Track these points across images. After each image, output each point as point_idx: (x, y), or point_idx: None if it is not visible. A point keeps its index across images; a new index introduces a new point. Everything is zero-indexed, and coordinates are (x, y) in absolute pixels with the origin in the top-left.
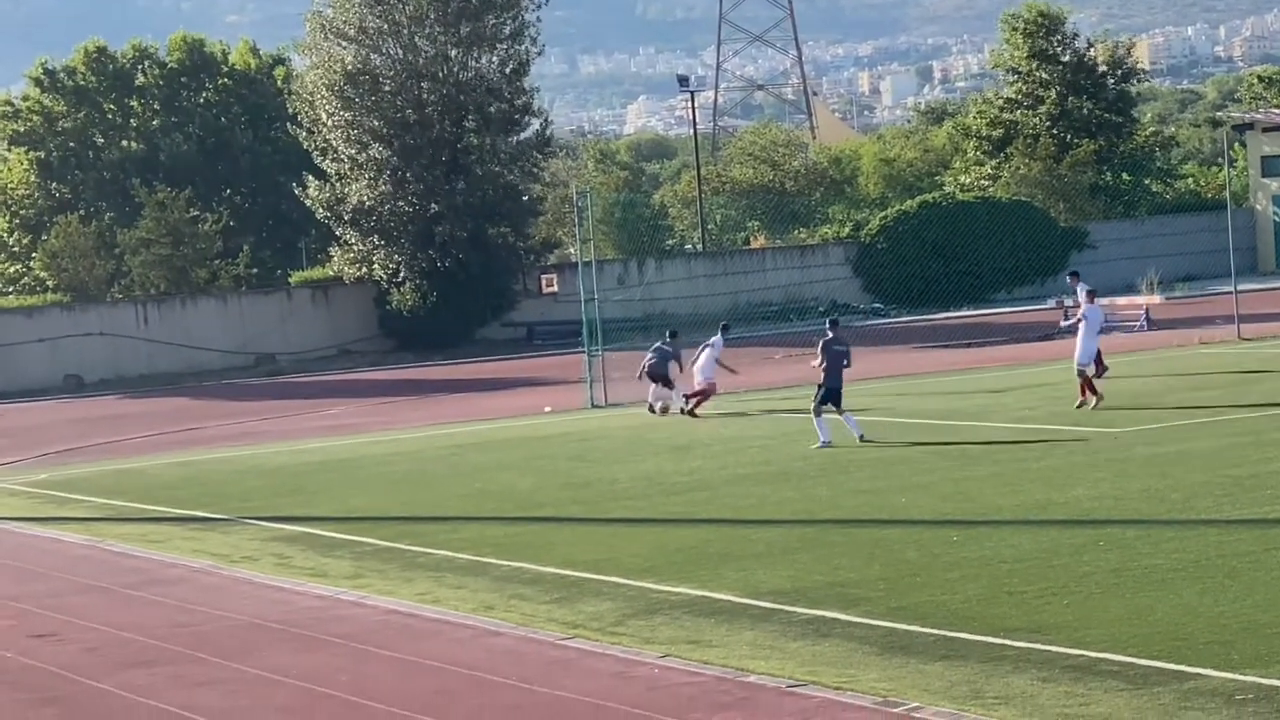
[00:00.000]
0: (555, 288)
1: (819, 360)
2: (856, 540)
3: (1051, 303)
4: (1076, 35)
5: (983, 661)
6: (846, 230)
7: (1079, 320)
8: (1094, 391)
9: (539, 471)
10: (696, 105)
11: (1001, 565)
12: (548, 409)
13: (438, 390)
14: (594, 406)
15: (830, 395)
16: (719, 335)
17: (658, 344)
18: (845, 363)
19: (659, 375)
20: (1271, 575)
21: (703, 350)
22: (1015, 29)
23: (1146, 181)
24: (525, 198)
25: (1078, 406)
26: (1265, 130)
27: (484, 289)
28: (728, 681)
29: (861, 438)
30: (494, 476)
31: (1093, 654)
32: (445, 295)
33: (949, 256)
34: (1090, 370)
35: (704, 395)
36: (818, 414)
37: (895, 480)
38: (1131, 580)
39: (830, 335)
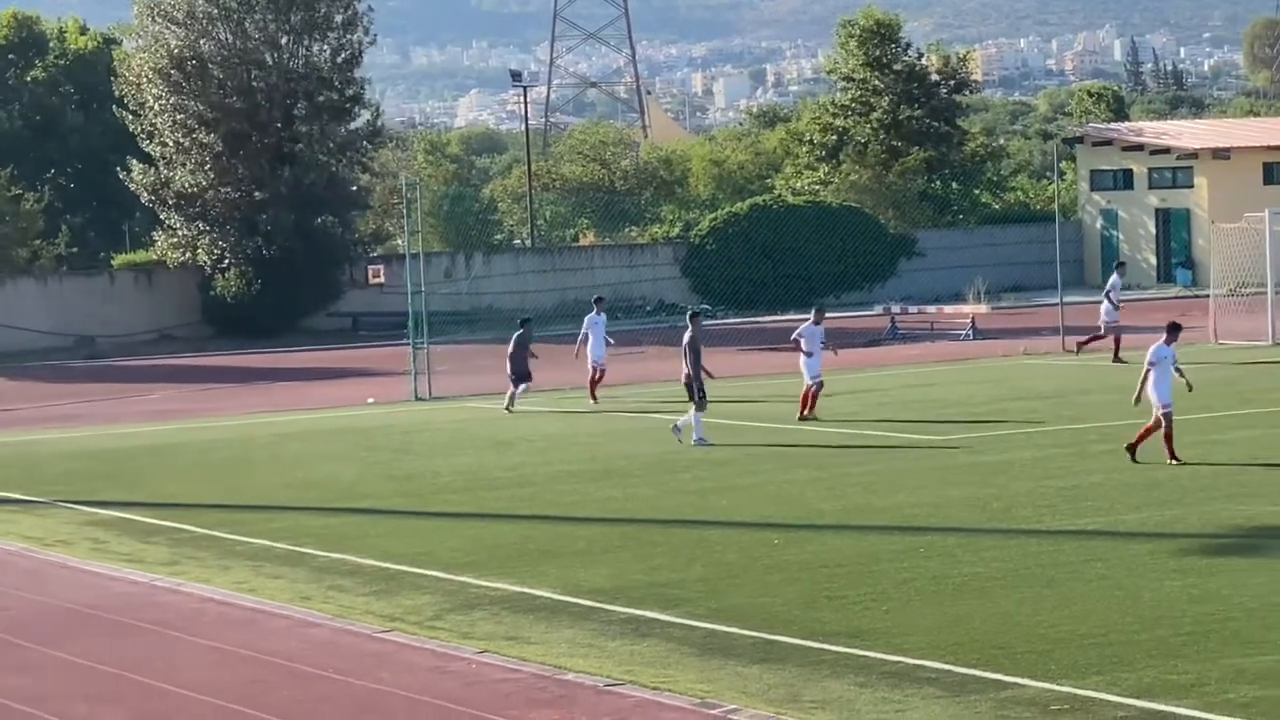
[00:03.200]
0: (382, 279)
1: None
2: (678, 540)
3: (879, 309)
4: (910, 44)
5: (801, 665)
6: (676, 230)
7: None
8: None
9: (361, 463)
10: (529, 101)
11: (822, 569)
12: (371, 400)
13: (261, 378)
14: (418, 399)
15: (690, 387)
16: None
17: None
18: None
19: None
20: (1090, 586)
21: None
22: (850, 36)
23: (976, 192)
24: (353, 188)
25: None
26: (1094, 144)
27: (309, 278)
28: (545, 679)
29: (676, 428)
30: (315, 466)
31: (911, 660)
32: (270, 283)
33: (778, 260)
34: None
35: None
36: (698, 409)
37: (718, 481)
38: (951, 588)
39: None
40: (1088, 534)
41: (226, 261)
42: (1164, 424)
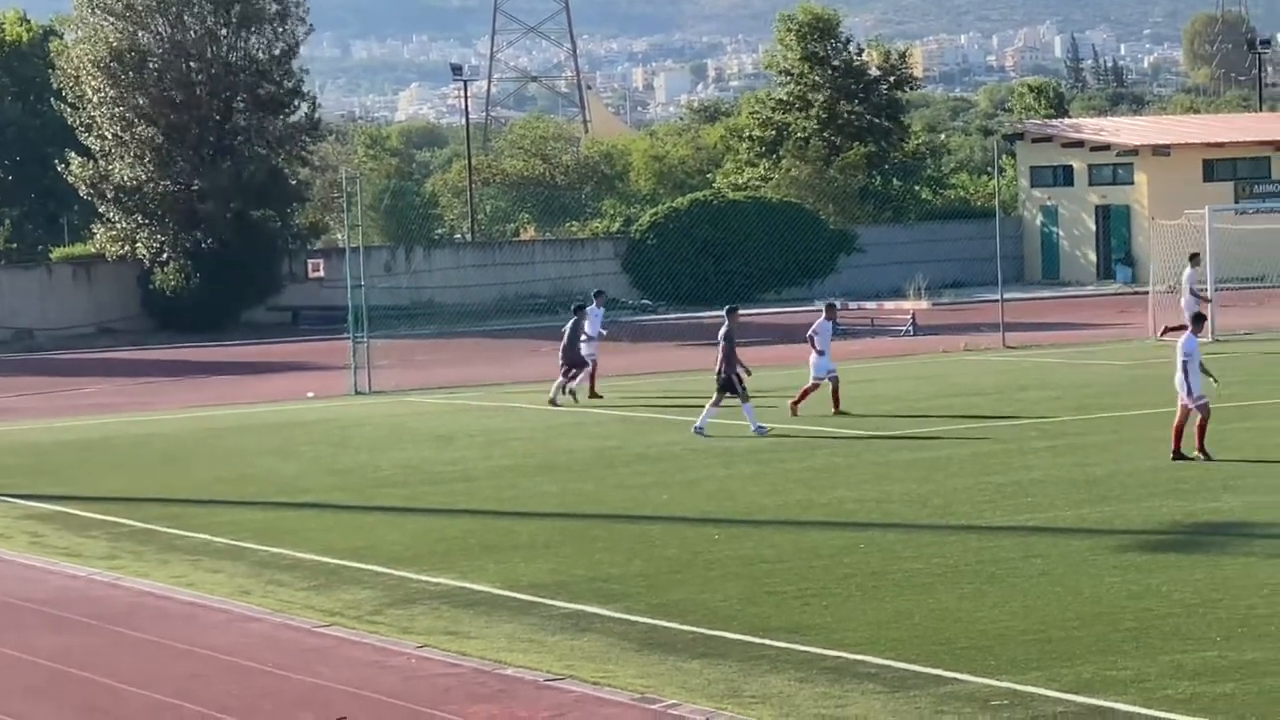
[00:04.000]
0: (322, 272)
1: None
2: (618, 536)
3: (820, 304)
4: (849, 40)
5: (741, 660)
6: (617, 225)
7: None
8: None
9: (300, 457)
10: (469, 95)
11: (762, 565)
12: (311, 394)
13: (200, 372)
14: (358, 393)
15: (728, 384)
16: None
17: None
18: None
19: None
20: (1030, 582)
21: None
22: (789, 30)
23: (917, 188)
24: (293, 181)
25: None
26: (1035, 141)
27: (249, 271)
28: (485, 673)
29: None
30: (254, 461)
31: (851, 656)
32: (209, 276)
33: (719, 255)
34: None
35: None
36: (744, 401)
37: (659, 477)
38: (891, 583)
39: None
40: (1028, 530)
41: (166, 255)
42: (1200, 415)
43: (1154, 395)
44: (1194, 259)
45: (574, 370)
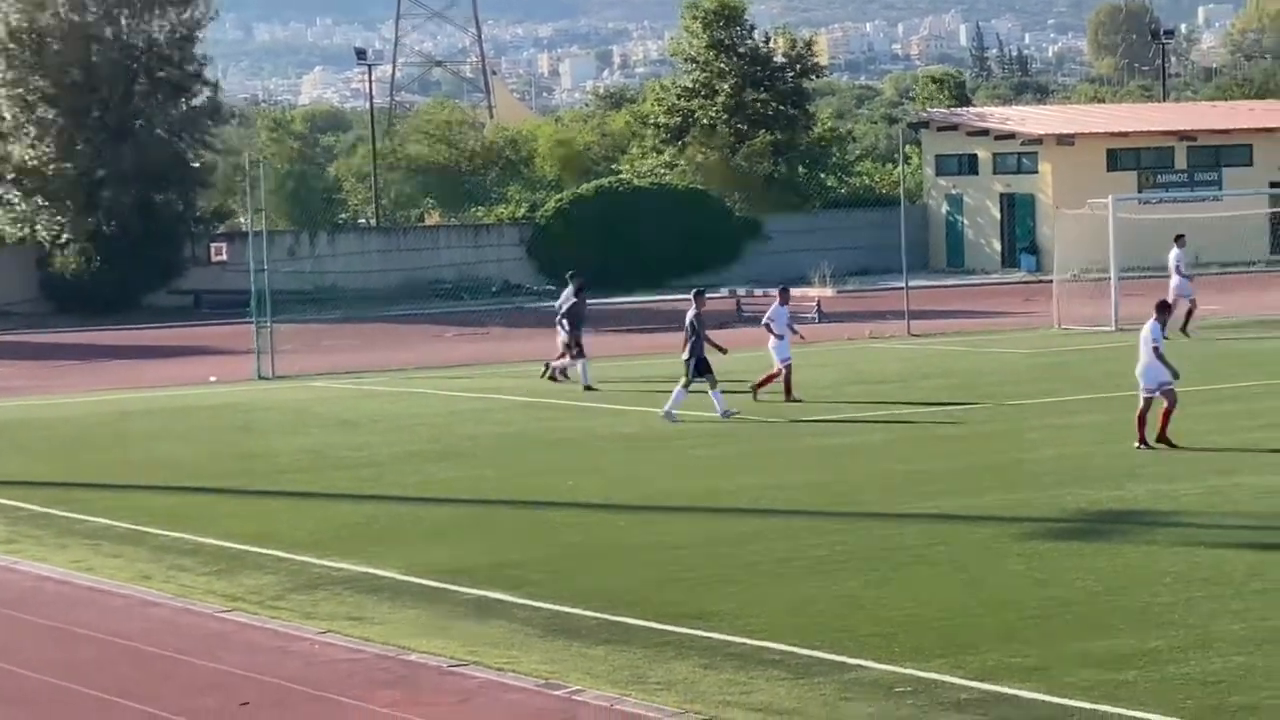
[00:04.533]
0: (225, 256)
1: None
2: (523, 522)
3: (725, 291)
4: (755, 27)
5: (646, 647)
6: (522, 211)
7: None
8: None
9: (203, 441)
10: (374, 79)
11: (668, 551)
12: (213, 379)
13: (101, 356)
14: (261, 378)
15: (698, 367)
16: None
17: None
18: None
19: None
20: (934, 570)
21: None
22: (695, 18)
23: (822, 175)
24: (195, 165)
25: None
26: (940, 129)
27: (150, 255)
28: (389, 659)
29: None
30: (157, 445)
31: (755, 642)
32: (110, 260)
33: (624, 242)
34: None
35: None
36: (713, 386)
37: (564, 463)
38: (796, 570)
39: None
40: (932, 517)
41: (66, 238)
42: (1166, 402)
43: (1058, 384)
44: (1179, 240)
45: (571, 351)
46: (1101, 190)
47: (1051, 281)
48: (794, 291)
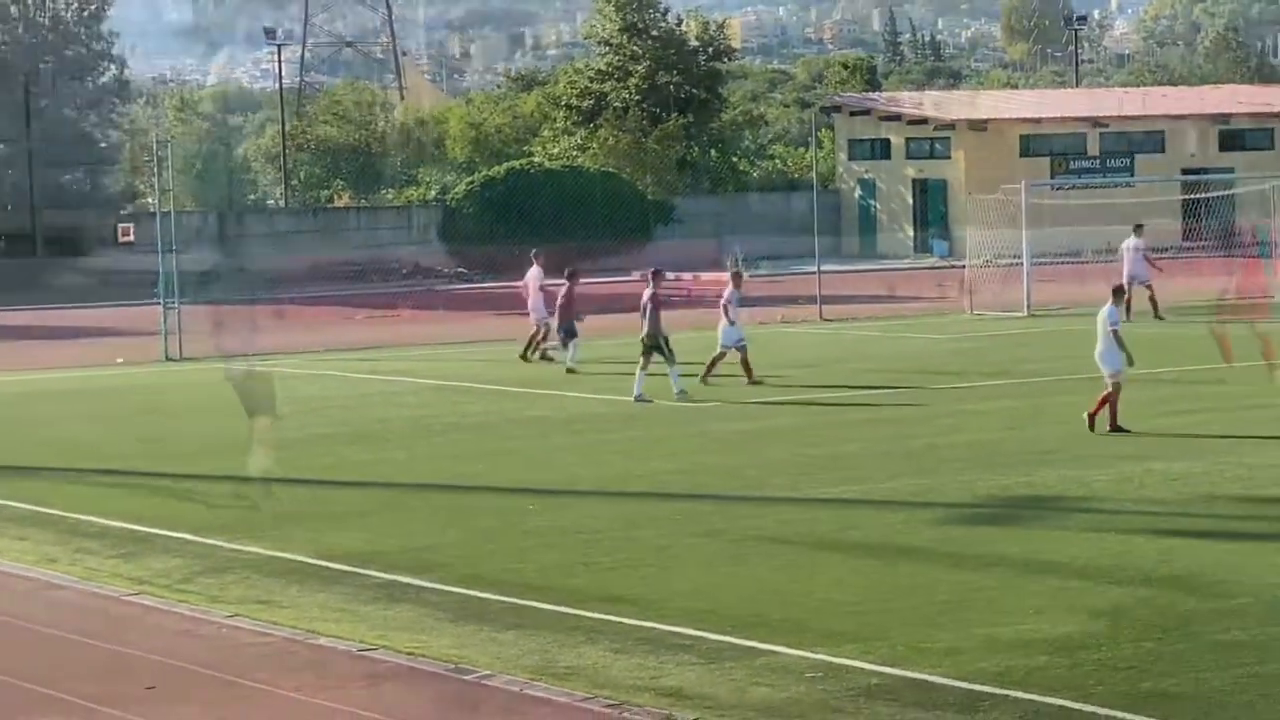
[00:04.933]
0: (132, 237)
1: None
2: (433, 505)
3: (636, 275)
4: (668, 10)
5: (556, 631)
6: (432, 194)
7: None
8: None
9: (109, 423)
10: (283, 59)
11: (578, 536)
12: (120, 360)
13: (5, 336)
14: (169, 359)
15: (655, 346)
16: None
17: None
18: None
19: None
20: (846, 555)
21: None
22: (608, 1)
23: (734, 159)
24: (102, 145)
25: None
26: (852, 114)
27: (56, 235)
28: (297, 643)
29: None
30: (62, 427)
31: (666, 627)
32: (15, 240)
33: (535, 224)
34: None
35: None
36: (671, 363)
37: (474, 447)
38: (707, 555)
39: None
40: (844, 502)
41: None
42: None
43: (969, 369)
44: (1138, 229)
45: (564, 337)
46: (1014, 176)
47: (964, 267)
48: (705, 276)
